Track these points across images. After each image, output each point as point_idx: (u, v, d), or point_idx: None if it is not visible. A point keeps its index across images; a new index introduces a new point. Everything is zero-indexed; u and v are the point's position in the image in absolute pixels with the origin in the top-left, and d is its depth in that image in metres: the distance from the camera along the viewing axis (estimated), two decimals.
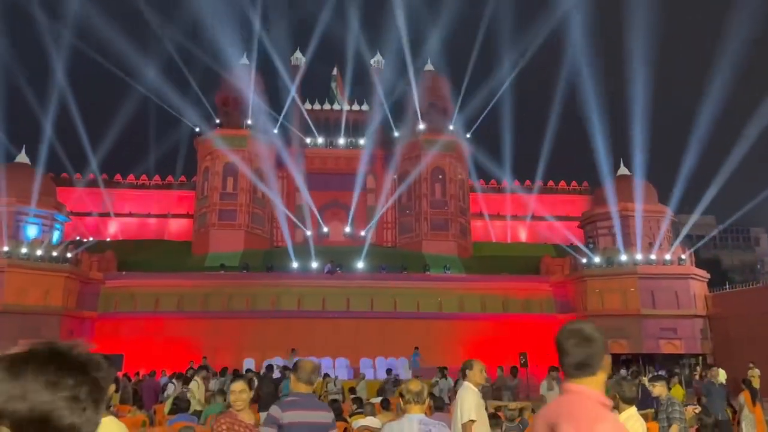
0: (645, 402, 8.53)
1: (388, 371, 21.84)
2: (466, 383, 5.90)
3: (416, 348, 24.33)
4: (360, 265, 31.85)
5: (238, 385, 4.51)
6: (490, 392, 19.37)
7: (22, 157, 31.53)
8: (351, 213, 37.95)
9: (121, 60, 36.44)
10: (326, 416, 4.42)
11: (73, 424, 1.20)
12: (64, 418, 1.19)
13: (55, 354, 1.24)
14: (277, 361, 22.21)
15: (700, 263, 31.86)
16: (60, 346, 1.27)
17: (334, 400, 11.82)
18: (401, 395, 4.39)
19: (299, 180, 36.66)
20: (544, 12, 39.35)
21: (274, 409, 4.22)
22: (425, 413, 4.40)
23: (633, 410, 4.49)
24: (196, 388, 13.62)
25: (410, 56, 38.69)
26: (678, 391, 14.65)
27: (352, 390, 17.06)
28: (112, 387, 2.83)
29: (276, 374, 17.31)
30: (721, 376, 23.13)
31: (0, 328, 25.08)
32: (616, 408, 4.56)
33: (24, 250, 26.86)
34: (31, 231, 29.22)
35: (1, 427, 1.16)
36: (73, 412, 1.20)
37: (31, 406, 1.18)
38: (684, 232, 30.24)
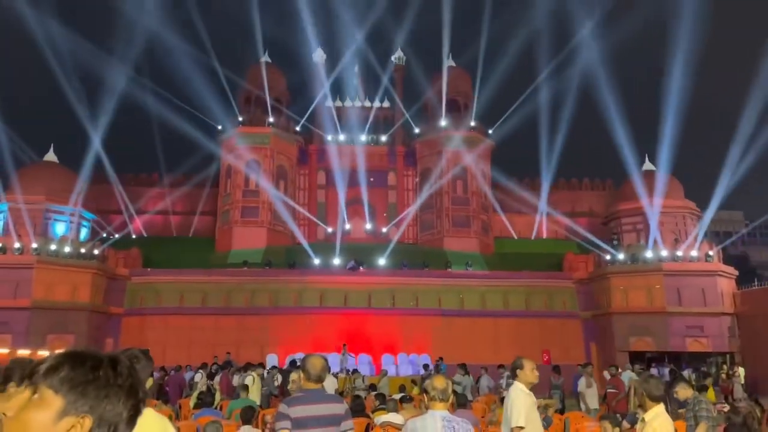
0: (683, 401, 8.40)
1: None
2: (516, 383, 5.56)
3: (441, 359, 24.04)
4: (382, 262, 31.89)
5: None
6: None
7: (50, 156, 32.14)
8: (370, 210, 38.02)
9: (145, 58, 36.90)
10: (337, 407, 4.26)
11: (126, 408, 1.29)
12: (125, 406, 1.29)
13: (132, 367, 1.34)
14: (300, 357, 22.38)
15: (727, 260, 31.28)
16: (131, 356, 1.36)
17: (357, 396, 11.86)
18: (425, 392, 4.37)
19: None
20: (570, 4, 38.92)
21: (282, 407, 4.17)
22: (448, 410, 4.39)
23: (660, 408, 4.41)
24: (252, 382, 14.06)
25: (432, 52, 38.59)
26: (711, 394, 14.38)
27: (373, 386, 17.10)
28: (151, 380, 2.97)
29: None
30: (741, 374, 22.76)
31: (30, 324, 25.67)
32: (642, 406, 4.50)
33: (53, 247, 27.40)
34: (59, 228, 29.80)
35: (85, 418, 1.23)
36: (128, 426, 1.30)
37: (120, 411, 1.27)
38: (702, 227, 29.59)
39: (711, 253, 28.61)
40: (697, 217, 31.18)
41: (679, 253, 28.36)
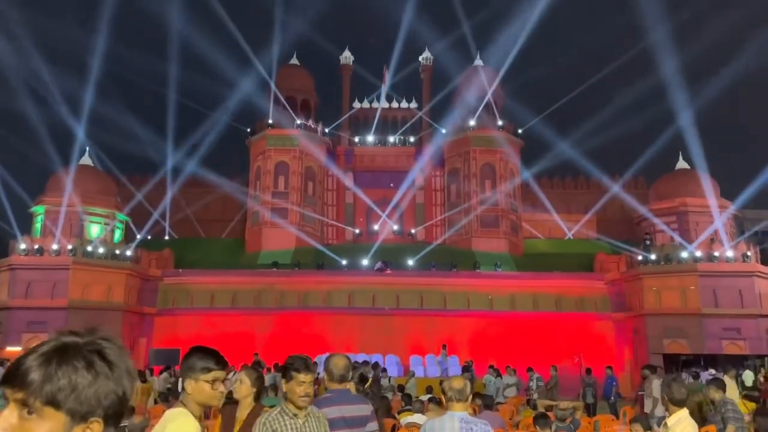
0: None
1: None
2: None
3: (467, 362, 23.64)
4: (411, 263, 31.81)
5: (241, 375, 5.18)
6: (545, 392, 19.09)
7: (86, 159, 32.96)
8: (398, 210, 38.00)
9: (175, 62, 37.53)
10: (364, 409, 4.26)
11: (129, 392, 1.23)
12: (129, 391, 1.21)
13: (120, 347, 1.25)
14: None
15: (766, 260, 30.35)
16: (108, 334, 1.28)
17: (384, 397, 11.86)
18: (444, 392, 4.35)
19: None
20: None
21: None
22: (474, 410, 4.35)
23: (684, 413, 4.25)
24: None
25: (459, 52, 38.39)
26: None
27: (401, 387, 17.07)
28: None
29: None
30: (749, 378, 22.07)
31: (67, 323, 26.32)
32: (666, 410, 4.38)
33: (88, 249, 28.07)
34: (94, 230, 30.51)
35: (93, 423, 1.14)
36: (131, 382, 1.23)
37: (126, 398, 1.20)
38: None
39: (749, 253, 27.83)
40: (734, 216, 30.36)
41: (716, 254, 27.65)
